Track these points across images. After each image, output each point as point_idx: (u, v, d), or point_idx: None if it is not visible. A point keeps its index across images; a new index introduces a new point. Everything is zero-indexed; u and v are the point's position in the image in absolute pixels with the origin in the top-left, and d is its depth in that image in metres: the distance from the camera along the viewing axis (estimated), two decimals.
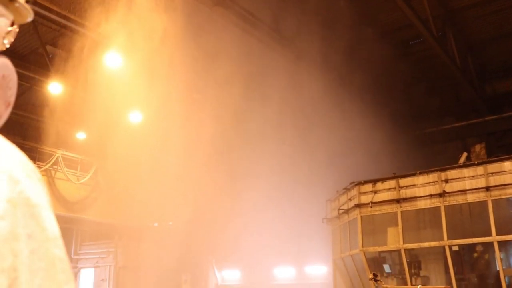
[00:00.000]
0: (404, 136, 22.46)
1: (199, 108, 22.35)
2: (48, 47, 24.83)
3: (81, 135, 28.21)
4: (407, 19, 17.95)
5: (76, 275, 34.46)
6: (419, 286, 11.42)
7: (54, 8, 20.04)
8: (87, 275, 33.83)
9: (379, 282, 11.02)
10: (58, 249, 0.95)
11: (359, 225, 17.46)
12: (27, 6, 1.35)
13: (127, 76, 23.09)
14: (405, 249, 16.41)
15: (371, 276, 11.10)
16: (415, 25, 17.90)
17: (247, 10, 19.59)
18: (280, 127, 22.34)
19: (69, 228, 34.03)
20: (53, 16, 21.31)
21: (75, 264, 34.81)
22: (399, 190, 17.05)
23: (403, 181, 17.06)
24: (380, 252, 17.48)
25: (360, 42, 20.42)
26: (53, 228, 0.96)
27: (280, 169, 22.94)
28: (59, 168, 27.08)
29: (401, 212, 16.83)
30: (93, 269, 33.22)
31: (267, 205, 23.68)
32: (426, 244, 16.22)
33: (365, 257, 17.05)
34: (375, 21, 21.19)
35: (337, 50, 19.81)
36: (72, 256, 34.89)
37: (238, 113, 22.60)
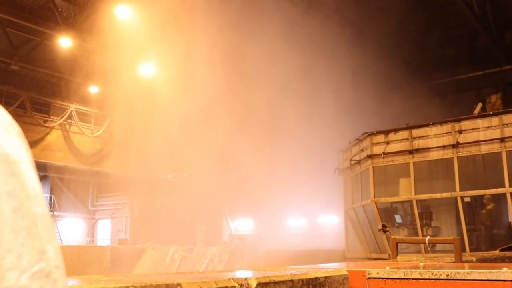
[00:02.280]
0: (418, 86, 21.89)
1: (213, 56, 21.90)
2: (57, 1, 24.30)
3: (94, 89, 28.04)
4: None
5: (93, 226, 35.07)
6: (427, 237, 10.92)
7: None
8: (104, 226, 34.43)
9: (388, 233, 10.76)
10: (39, 207, 0.91)
11: (371, 176, 17.20)
12: None
13: (138, 28, 22.71)
14: (416, 200, 16.19)
15: (380, 227, 10.86)
16: None
17: None
18: (294, 78, 21.97)
19: (85, 181, 34.41)
20: None
21: (92, 216, 35.38)
22: (412, 141, 16.68)
23: (416, 132, 16.68)
24: (391, 203, 17.31)
25: None
26: (34, 185, 0.89)
27: (293, 120, 22.69)
28: (73, 122, 27.15)
29: (414, 163, 16.51)
30: (109, 220, 33.78)
31: (280, 156, 23.53)
32: (438, 195, 15.97)
33: (377, 207, 16.89)
34: None
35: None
36: (89, 207, 35.52)
37: (253, 61, 22.19)
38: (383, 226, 11.12)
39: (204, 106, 23.59)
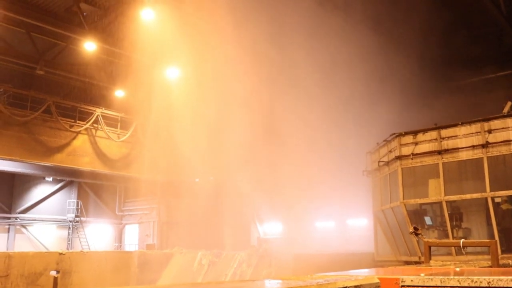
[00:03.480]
0: (444, 86, 22.28)
1: (240, 61, 22.54)
2: (82, 5, 25.12)
3: (119, 93, 28.77)
4: None
5: (121, 231, 35.95)
6: (461, 240, 11.64)
7: None
8: (132, 231, 35.17)
9: (420, 236, 11.31)
10: None
11: (400, 177, 17.68)
12: None
13: (163, 31, 23.38)
14: (446, 201, 16.62)
15: (411, 229, 11.35)
16: None
17: None
18: (321, 80, 22.47)
19: (112, 186, 35.15)
20: None
21: (120, 221, 36.21)
22: (441, 141, 17.11)
23: (445, 132, 17.10)
24: (421, 204, 17.76)
25: None
26: None
27: (320, 124, 23.18)
28: (99, 126, 27.88)
29: (443, 163, 16.93)
30: (137, 225, 34.51)
31: (308, 159, 24.06)
32: (468, 196, 16.34)
33: (406, 209, 17.39)
34: None
35: None
36: (116, 212, 36.39)
37: (280, 65, 22.76)
38: (415, 228, 11.63)
39: (231, 109, 24.20)
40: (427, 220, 17.54)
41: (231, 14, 21.25)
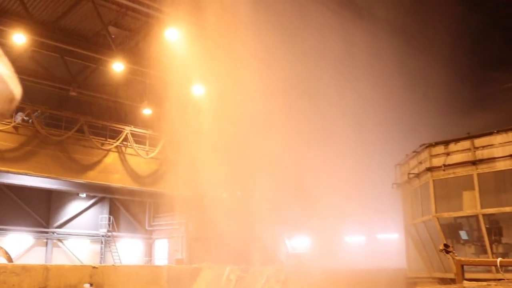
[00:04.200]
0: (477, 92, 20.15)
1: (264, 76, 21.09)
2: (111, 28, 24.34)
3: (147, 111, 27.83)
4: None
5: (151, 246, 34.74)
6: (498, 259, 9.39)
7: None
8: (162, 246, 34.04)
9: (451, 253, 9.19)
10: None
11: (431, 190, 15.59)
12: None
13: (189, 49, 22.36)
14: (483, 214, 14.45)
15: (442, 247, 9.28)
16: None
17: None
18: (347, 92, 20.81)
19: (142, 202, 34.33)
20: None
21: (150, 236, 35.14)
22: (475, 151, 14.99)
23: (479, 141, 14.97)
24: (455, 218, 15.59)
25: None
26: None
27: (347, 136, 21.43)
28: (128, 144, 26.99)
29: (478, 174, 14.78)
30: (166, 239, 33.36)
31: (336, 173, 22.24)
32: (507, 209, 14.13)
33: (439, 223, 15.24)
34: None
35: (400, 7, 17.87)
36: (146, 228, 35.50)
37: (305, 77, 21.22)
38: (445, 246, 9.46)
39: (257, 125, 22.79)
40: (463, 235, 15.27)
41: (257, 30, 19.72)
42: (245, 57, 20.57)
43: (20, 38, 21.64)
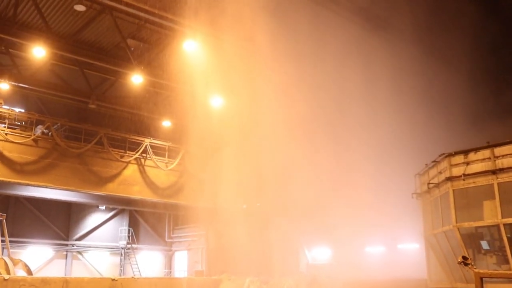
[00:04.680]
0: (496, 101, 20.38)
1: (283, 88, 21.53)
2: (129, 41, 24.96)
3: (166, 123, 28.34)
4: None
5: (171, 258, 35.21)
6: None
7: (130, 1, 19.90)
8: (181, 258, 34.45)
9: (470, 266, 9.40)
10: None
11: (452, 200, 15.88)
12: None
13: (207, 61, 22.80)
14: (504, 224, 14.71)
15: (460, 259, 9.52)
16: None
17: None
18: (368, 101, 21.16)
19: (161, 214, 34.83)
20: (130, 10, 21.30)
21: (170, 248, 35.63)
22: (495, 160, 15.28)
23: (499, 150, 15.24)
24: (476, 228, 15.84)
25: (444, 6, 18.75)
26: None
27: (367, 145, 21.77)
28: (148, 156, 27.40)
29: (498, 183, 15.05)
30: (186, 251, 33.80)
31: (356, 184, 22.56)
32: None
33: (460, 233, 15.51)
34: None
35: (418, 15, 18.27)
36: (166, 239, 36.00)
37: (324, 90, 21.62)
38: (464, 258, 9.70)
39: (277, 136, 23.18)
40: (484, 245, 15.53)
41: (275, 41, 20.21)
42: (264, 68, 21.04)
43: (39, 51, 22.17)
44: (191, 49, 22.89)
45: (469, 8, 18.76)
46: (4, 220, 20.71)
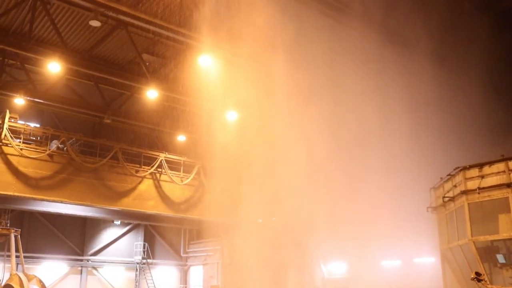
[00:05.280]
0: (510, 114, 20.75)
1: (298, 103, 22.02)
2: (144, 56, 25.64)
3: (181, 137, 28.89)
4: None
5: (186, 272, 35.64)
6: None
7: (145, 17, 20.63)
8: (197, 273, 34.84)
9: (483, 282, 9.82)
10: None
11: (467, 213, 16.25)
12: None
13: (222, 75, 23.31)
14: None
15: (473, 275, 9.96)
16: None
17: None
18: (383, 115, 21.59)
19: (177, 228, 35.30)
20: (145, 25, 21.95)
21: (185, 262, 36.07)
22: (510, 174, 15.68)
23: None
24: (492, 241, 16.22)
25: (458, 18, 19.25)
26: None
27: (383, 161, 22.16)
28: (163, 170, 27.94)
29: None
30: (201, 266, 34.21)
31: (371, 198, 22.95)
32: None
33: (476, 246, 15.89)
34: None
35: (432, 28, 18.79)
36: (181, 254, 36.41)
37: (334, 103, 22.06)
38: (477, 274, 10.08)
39: (291, 149, 23.59)
40: (500, 258, 15.89)
41: (290, 54, 20.76)
42: (280, 83, 21.55)
43: (55, 66, 22.64)
44: (206, 63, 23.39)
45: (484, 21, 19.23)
46: (19, 236, 21.26)
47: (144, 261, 34.80)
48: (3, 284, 19.84)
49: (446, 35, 19.21)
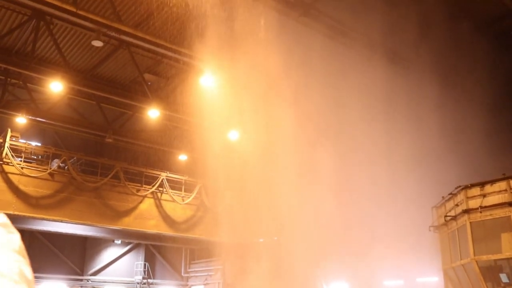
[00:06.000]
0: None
1: (298, 122, 22.10)
2: (146, 75, 25.80)
3: (183, 157, 28.96)
4: (505, 8, 16.80)
5: None
6: None
7: (148, 37, 20.81)
8: None
9: None
10: None
11: (469, 232, 16.28)
12: None
13: (224, 95, 23.44)
14: None
15: None
16: None
17: (333, 17, 19.25)
18: (384, 134, 21.64)
19: (178, 248, 35.17)
20: (147, 45, 22.13)
21: (186, 282, 35.85)
22: (511, 192, 15.75)
23: None
24: (495, 260, 16.19)
25: (457, 39, 19.45)
26: None
27: (385, 181, 22.16)
28: (164, 190, 27.95)
29: None
30: (202, 286, 34.02)
31: (373, 217, 22.93)
32: None
33: (478, 266, 15.87)
34: (471, 15, 20.05)
35: (433, 49, 18.98)
36: (182, 274, 36.11)
37: (337, 123, 22.15)
38: None
39: (293, 169, 23.61)
40: (503, 278, 15.88)
41: (291, 74, 20.89)
42: (282, 103, 21.66)
43: (57, 86, 22.71)
44: (208, 83, 23.56)
45: (484, 42, 19.42)
46: None
47: (145, 281, 34.55)
48: None
49: (449, 56, 19.37)
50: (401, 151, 21.42)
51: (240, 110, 23.73)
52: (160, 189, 27.93)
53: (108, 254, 34.66)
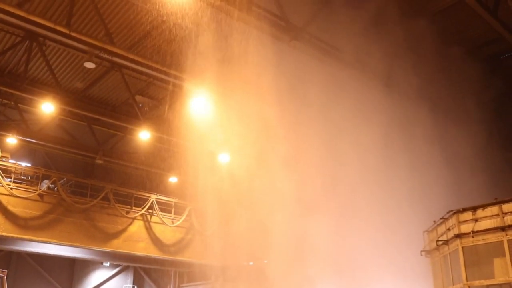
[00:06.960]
0: (503, 157, 20.72)
1: (289, 145, 21.89)
2: (138, 97, 25.67)
3: (173, 179, 28.68)
4: (495, 32, 16.77)
5: None
6: None
7: (140, 59, 20.57)
8: None
9: None
10: None
11: (461, 257, 15.94)
12: None
13: (215, 118, 23.26)
14: None
15: None
16: (504, 38, 16.61)
17: (324, 41, 19.16)
18: (375, 156, 21.45)
19: (167, 271, 34.63)
20: (139, 67, 21.88)
21: None
22: (503, 217, 15.46)
23: (507, 207, 15.39)
24: (488, 286, 15.86)
25: (447, 63, 19.42)
26: None
27: (376, 205, 21.91)
28: (154, 212, 27.58)
29: (508, 240, 15.18)
30: None
31: (364, 241, 22.60)
32: None
33: None
34: (460, 39, 20.06)
35: (424, 74, 18.91)
36: None
37: (328, 146, 21.93)
38: None
39: (283, 193, 23.37)
40: None
41: (280, 99, 20.73)
42: (273, 126, 21.47)
43: (48, 107, 22.44)
44: (199, 106, 23.38)
45: (473, 66, 19.42)
46: (5, 277, 20.69)
47: None
48: None
49: (438, 80, 19.34)
50: (392, 174, 21.24)
51: (231, 133, 23.56)
52: (150, 211, 27.58)
53: (97, 276, 34.06)
